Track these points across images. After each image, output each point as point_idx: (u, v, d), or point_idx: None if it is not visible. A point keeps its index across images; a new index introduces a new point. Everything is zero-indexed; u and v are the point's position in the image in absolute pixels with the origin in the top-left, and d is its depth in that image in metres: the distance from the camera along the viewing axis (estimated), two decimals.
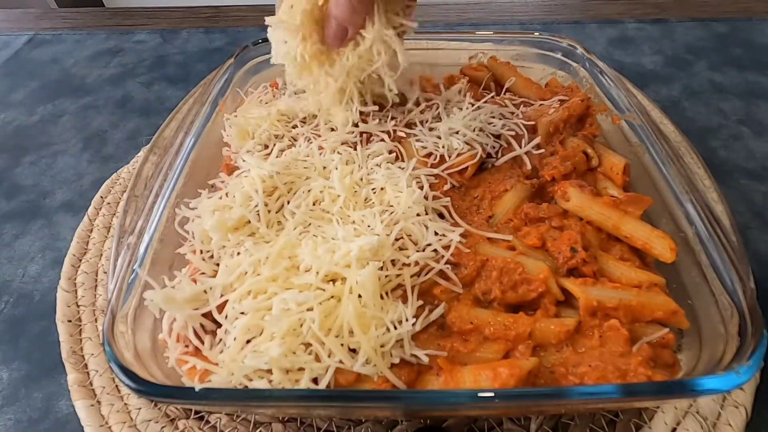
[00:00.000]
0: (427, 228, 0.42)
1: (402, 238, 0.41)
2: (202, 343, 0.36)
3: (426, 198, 0.44)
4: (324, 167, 0.47)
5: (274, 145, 0.50)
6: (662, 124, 0.65)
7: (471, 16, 0.99)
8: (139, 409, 0.42)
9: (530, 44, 0.63)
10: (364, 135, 0.52)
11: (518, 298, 0.39)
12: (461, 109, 0.52)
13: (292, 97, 0.56)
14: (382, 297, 0.37)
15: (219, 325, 0.37)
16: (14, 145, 0.72)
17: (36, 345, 0.48)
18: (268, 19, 0.45)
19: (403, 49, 0.46)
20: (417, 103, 0.53)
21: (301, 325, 0.34)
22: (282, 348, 0.33)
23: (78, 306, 0.49)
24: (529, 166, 0.49)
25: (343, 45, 0.44)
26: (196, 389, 0.31)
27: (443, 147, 0.49)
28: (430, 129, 0.51)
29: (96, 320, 0.48)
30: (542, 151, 0.50)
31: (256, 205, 0.42)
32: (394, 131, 0.52)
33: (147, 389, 0.31)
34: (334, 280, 0.37)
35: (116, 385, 0.43)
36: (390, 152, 0.50)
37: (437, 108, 0.53)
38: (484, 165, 0.51)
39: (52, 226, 0.60)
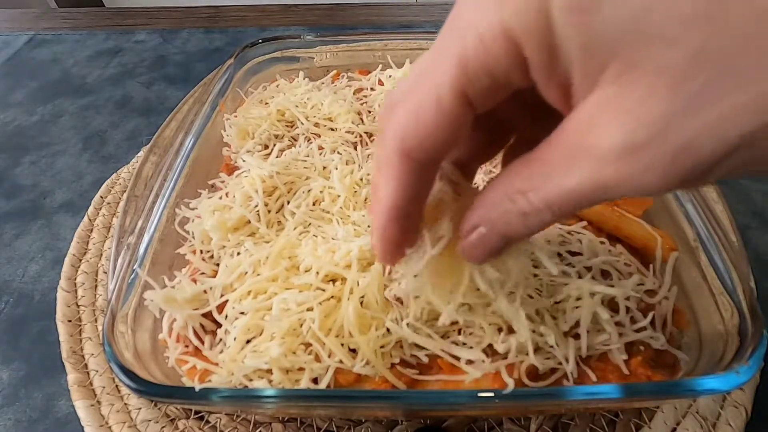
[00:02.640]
0: None
1: None
2: (202, 343, 0.36)
3: None
4: (324, 167, 0.47)
5: (274, 145, 0.50)
6: None
7: None
8: (139, 409, 0.42)
9: None
10: (365, 135, 0.52)
11: None
12: None
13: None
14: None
15: (219, 325, 0.37)
16: (14, 145, 0.72)
17: (36, 345, 0.48)
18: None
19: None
20: None
21: (301, 325, 0.34)
22: (282, 348, 0.33)
23: (78, 306, 0.49)
24: None
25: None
26: (196, 389, 0.31)
27: None
28: None
29: (96, 320, 0.48)
30: None
31: (256, 205, 0.42)
32: None
33: (147, 389, 0.31)
34: (334, 280, 0.37)
35: (116, 385, 0.43)
36: None
37: None
38: None
39: (52, 226, 0.60)
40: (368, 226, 0.41)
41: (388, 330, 0.35)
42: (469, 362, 0.34)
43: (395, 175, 0.23)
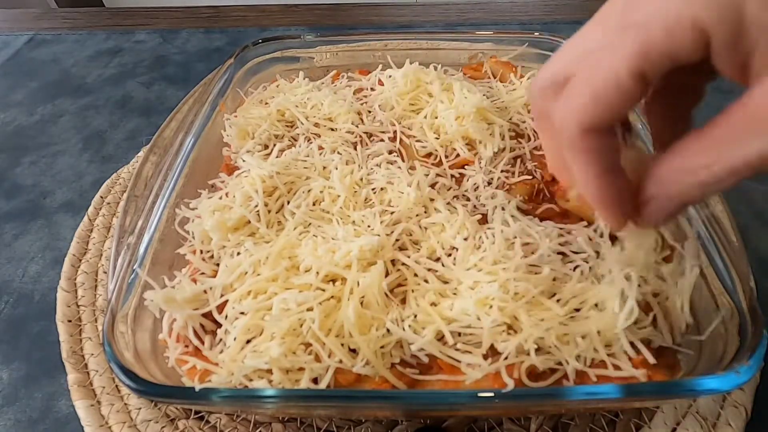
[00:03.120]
0: (427, 228, 0.42)
1: (399, 239, 0.41)
2: (202, 343, 0.36)
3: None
4: (324, 167, 0.47)
5: (274, 145, 0.50)
6: None
7: (471, 16, 0.99)
8: (139, 409, 0.42)
9: (530, 44, 0.63)
10: (364, 135, 0.52)
11: None
12: None
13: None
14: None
15: (219, 325, 0.37)
16: (14, 145, 0.72)
17: (36, 345, 0.48)
18: None
19: None
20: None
21: (301, 325, 0.34)
22: (282, 348, 0.33)
23: (78, 306, 0.49)
24: (530, 166, 0.49)
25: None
26: (196, 389, 0.31)
27: (443, 147, 0.50)
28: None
29: (96, 320, 0.48)
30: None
31: (256, 205, 0.42)
32: (395, 132, 0.52)
33: (147, 389, 0.32)
34: (334, 280, 0.37)
35: (116, 385, 0.43)
36: (390, 152, 0.50)
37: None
38: None
39: (52, 226, 0.60)
40: (368, 226, 0.41)
41: (388, 330, 0.35)
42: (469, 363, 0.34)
43: (585, 151, 0.26)
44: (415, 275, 0.38)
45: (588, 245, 0.39)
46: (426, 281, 0.38)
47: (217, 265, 0.40)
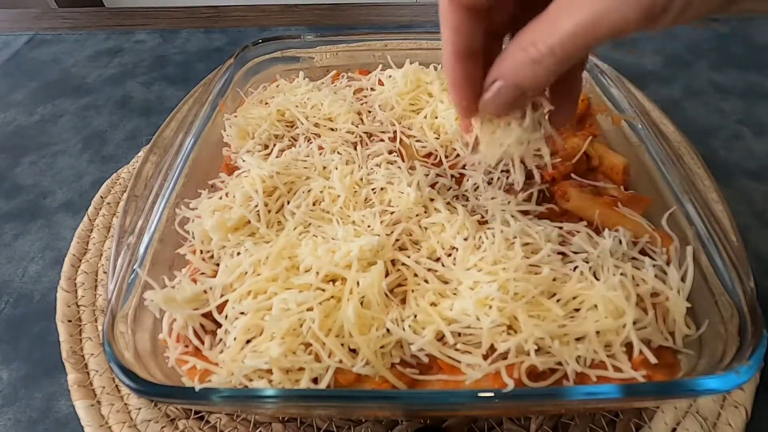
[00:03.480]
0: (427, 228, 0.42)
1: (399, 239, 0.41)
2: (202, 343, 0.36)
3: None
4: (324, 167, 0.47)
5: (274, 145, 0.50)
6: (662, 124, 0.65)
7: None
8: (139, 409, 0.42)
9: None
10: (364, 135, 0.52)
11: None
12: None
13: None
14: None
15: (219, 325, 0.37)
16: (14, 145, 0.72)
17: (36, 345, 0.48)
18: None
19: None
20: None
21: (301, 325, 0.34)
22: (282, 348, 0.33)
23: (78, 306, 0.49)
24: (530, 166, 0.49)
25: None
26: (196, 389, 0.31)
27: (443, 147, 0.50)
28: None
29: (96, 320, 0.48)
30: None
31: (256, 205, 0.42)
32: (395, 132, 0.52)
33: (147, 389, 0.31)
34: (334, 280, 0.37)
35: (116, 385, 0.43)
36: (390, 152, 0.50)
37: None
38: None
39: (52, 226, 0.60)
40: (368, 226, 0.41)
41: (388, 330, 0.35)
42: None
43: (450, 22, 0.29)
44: (415, 275, 0.38)
45: (588, 245, 0.39)
46: (426, 281, 0.38)
47: (217, 265, 0.40)
